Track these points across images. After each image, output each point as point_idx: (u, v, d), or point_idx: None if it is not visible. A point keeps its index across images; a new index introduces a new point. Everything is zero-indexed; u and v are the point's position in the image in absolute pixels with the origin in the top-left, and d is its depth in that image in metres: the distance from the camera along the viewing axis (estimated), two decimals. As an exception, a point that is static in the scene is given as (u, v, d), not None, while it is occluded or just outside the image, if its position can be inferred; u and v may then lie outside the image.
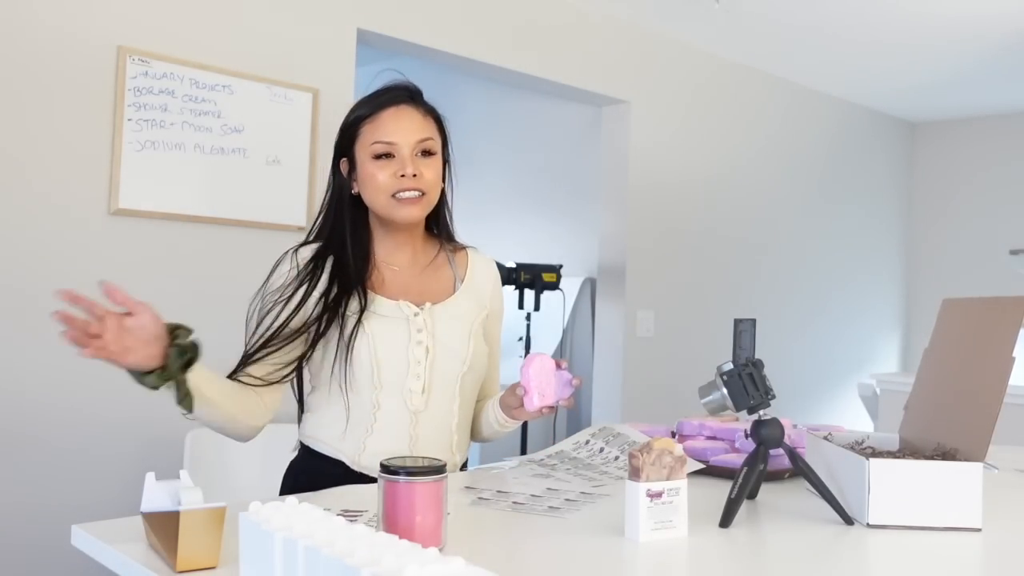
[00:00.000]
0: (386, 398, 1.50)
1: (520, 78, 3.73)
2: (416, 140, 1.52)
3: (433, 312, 1.55)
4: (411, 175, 1.49)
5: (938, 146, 5.89)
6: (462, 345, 1.55)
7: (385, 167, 1.51)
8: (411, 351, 1.50)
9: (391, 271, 1.58)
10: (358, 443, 1.51)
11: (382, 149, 1.51)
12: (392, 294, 1.55)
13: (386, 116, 1.52)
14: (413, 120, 1.53)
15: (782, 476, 1.56)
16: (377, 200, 1.52)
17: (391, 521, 1.05)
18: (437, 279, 1.62)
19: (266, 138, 2.84)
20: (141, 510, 1.06)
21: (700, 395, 1.32)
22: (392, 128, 1.51)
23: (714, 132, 4.50)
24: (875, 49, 4.35)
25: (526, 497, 1.37)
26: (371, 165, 1.51)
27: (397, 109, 1.53)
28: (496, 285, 1.70)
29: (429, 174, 1.52)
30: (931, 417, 1.45)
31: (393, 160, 1.51)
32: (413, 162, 1.50)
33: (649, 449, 1.15)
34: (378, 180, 1.50)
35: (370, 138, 1.52)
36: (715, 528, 1.22)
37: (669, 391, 4.20)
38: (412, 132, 1.52)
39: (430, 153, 1.54)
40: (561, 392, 1.47)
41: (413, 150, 1.51)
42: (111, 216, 2.55)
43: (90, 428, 2.52)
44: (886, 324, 5.81)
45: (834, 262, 5.34)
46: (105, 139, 2.54)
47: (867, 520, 1.25)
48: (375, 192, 1.51)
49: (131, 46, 2.58)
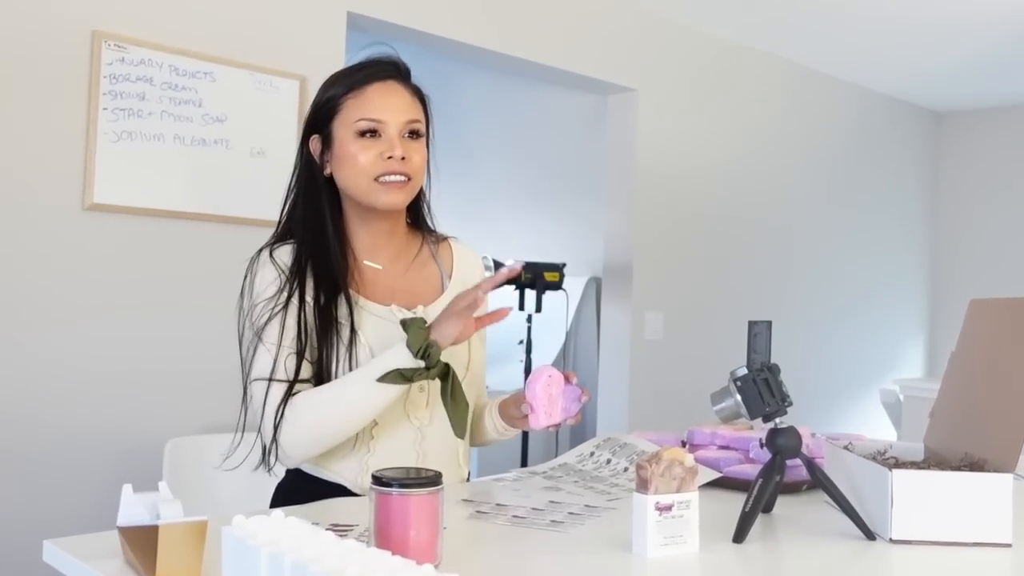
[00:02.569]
0: (388, 413, 1.46)
1: (520, 65, 3.73)
2: (405, 120, 1.48)
3: (428, 314, 1.52)
4: (399, 157, 1.45)
5: (965, 138, 5.89)
6: (461, 349, 1.52)
7: (370, 147, 1.46)
8: None
9: (372, 271, 1.54)
10: (360, 464, 1.47)
11: (368, 126, 1.46)
12: (379, 297, 1.51)
13: (373, 91, 1.47)
14: (402, 98, 1.49)
15: (799, 488, 1.56)
16: (357, 183, 1.47)
17: (384, 536, 1.05)
18: (424, 277, 1.59)
19: (250, 128, 2.84)
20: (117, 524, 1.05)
21: (712, 402, 1.32)
22: (380, 104, 1.46)
23: (726, 123, 4.51)
24: (897, 32, 4.35)
25: (527, 510, 1.37)
26: (353, 144, 1.46)
27: (385, 84, 1.48)
28: (482, 277, 1.67)
29: (416, 158, 1.48)
30: (958, 425, 1.45)
31: (379, 140, 1.46)
32: (401, 144, 1.46)
33: (658, 459, 1.15)
34: (360, 161, 1.45)
35: (354, 114, 1.46)
36: (728, 544, 1.22)
37: (679, 398, 4.20)
38: (401, 111, 1.47)
39: (417, 135, 1.50)
40: (569, 409, 1.47)
41: (401, 131, 1.47)
42: (85, 211, 2.55)
43: (64, 437, 2.52)
44: (910, 326, 5.81)
45: (854, 260, 5.34)
46: (79, 130, 2.54)
47: (890, 535, 1.25)
48: (355, 174, 1.46)
49: (107, 31, 2.58)
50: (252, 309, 1.47)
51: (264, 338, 1.44)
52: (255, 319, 1.46)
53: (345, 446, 1.46)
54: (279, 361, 1.42)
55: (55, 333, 2.50)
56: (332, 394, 1.41)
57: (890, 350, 5.65)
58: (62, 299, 2.50)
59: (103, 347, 2.57)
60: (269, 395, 1.41)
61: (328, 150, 1.50)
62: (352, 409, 1.40)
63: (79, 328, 2.53)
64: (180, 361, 2.70)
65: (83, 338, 2.54)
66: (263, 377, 1.42)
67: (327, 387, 1.43)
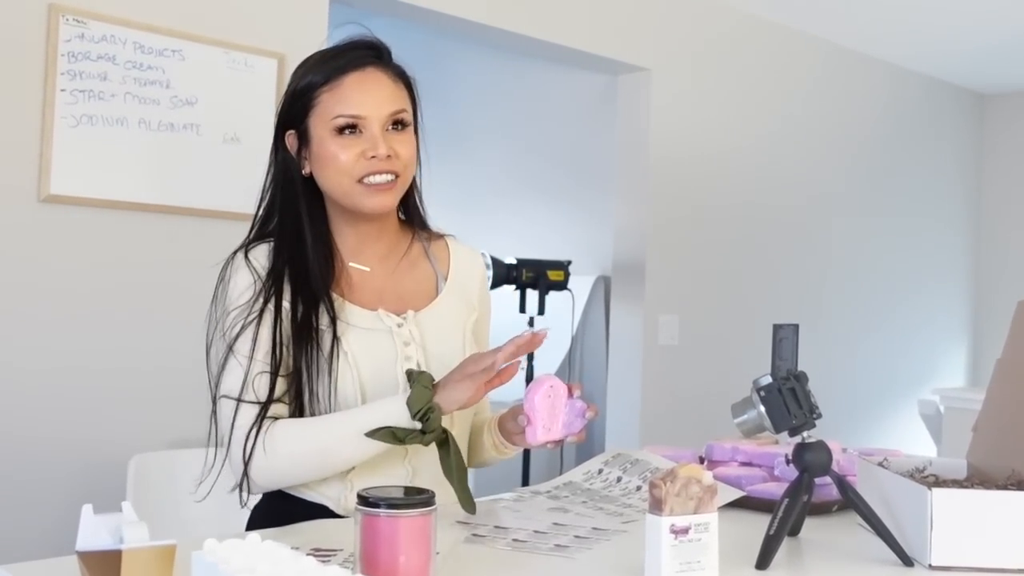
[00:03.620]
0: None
1: (522, 42, 3.73)
2: (388, 113, 1.47)
3: (419, 321, 1.52)
4: (383, 155, 1.45)
5: (1012, 121, 5.89)
6: (457, 357, 1.51)
7: (350, 145, 1.46)
8: (400, 369, 1.47)
9: (359, 273, 1.54)
10: (343, 482, 1.47)
11: (346, 122, 1.46)
12: (366, 302, 1.52)
13: (350, 82, 1.47)
14: (383, 87, 1.48)
15: (829, 509, 1.56)
16: (339, 185, 1.47)
17: (370, 562, 1.05)
18: (415, 278, 1.59)
19: (223, 112, 2.84)
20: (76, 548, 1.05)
21: (733, 414, 1.32)
22: (359, 99, 1.46)
23: (748, 105, 4.51)
24: (935, 5, 4.35)
25: (528, 534, 1.37)
26: (332, 143, 1.46)
27: (363, 73, 1.48)
28: (483, 282, 1.68)
29: (404, 152, 1.48)
30: (1004, 439, 1.45)
31: (360, 137, 1.46)
32: (385, 139, 1.46)
33: (673, 477, 1.15)
34: (341, 161, 1.45)
35: (332, 109, 1.46)
36: (751, 570, 1.22)
37: (696, 409, 4.20)
38: (383, 103, 1.47)
39: (403, 125, 1.50)
40: (571, 425, 1.45)
41: (384, 124, 1.47)
42: (41, 203, 2.55)
43: (15, 450, 2.52)
44: (951, 331, 5.81)
45: (890, 258, 5.35)
46: (34, 113, 2.54)
47: (929, 561, 1.25)
48: (337, 175, 1.46)
49: (65, 4, 2.58)
50: (224, 317, 1.48)
51: (236, 350, 1.45)
52: (227, 328, 1.46)
53: None
54: (249, 379, 1.43)
55: (5, 335, 2.50)
56: (312, 433, 1.43)
57: (929, 357, 5.65)
58: (15, 298, 2.50)
59: (60, 352, 2.57)
60: (237, 418, 1.43)
61: (306, 147, 1.50)
62: (330, 456, 1.43)
63: (33, 330, 2.53)
64: (146, 368, 2.70)
65: (38, 342, 2.54)
66: (231, 396, 1.44)
67: (308, 424, 1.44)
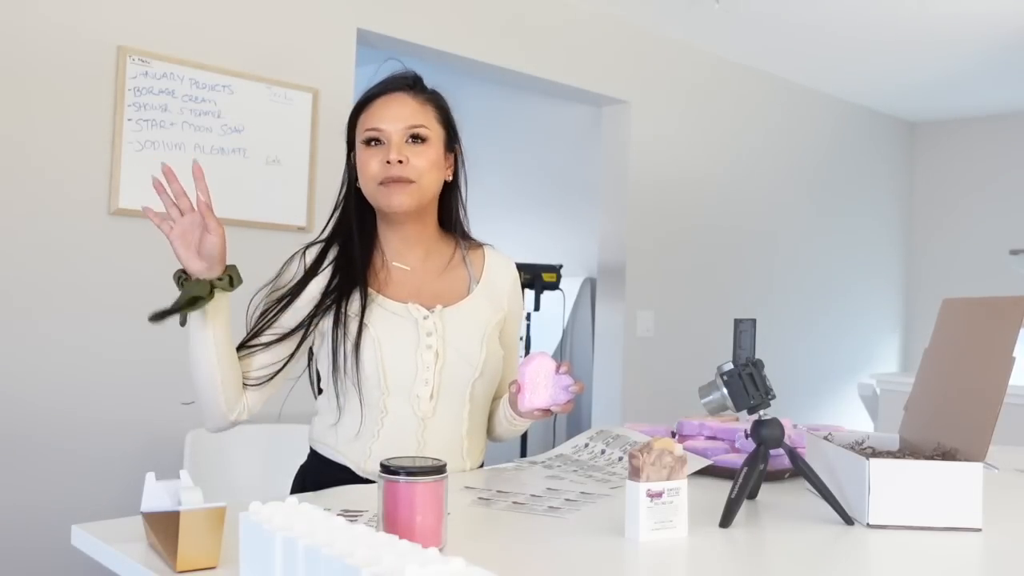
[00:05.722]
0: (393, 403, 1.47)
1: (520, 78, 3.73)
2: (405, 126, 1.49)
3: (444, 315, 1.51)
4: (395, 161, 1.46)
5: (938, 146, 5.89)
6: (475, 350, 1.51)
7: (375, 154, 1.49)
8: (420, 355, 1.47)
9: (401, 271, 1.55)
10: (364, 448, 1.48)
11: (371, 135, 1.49)
12: (401, 295, 1.52)
13: (378, 103, 1.51)
14: (404, 106, 1.50)
15: (782, 476, 1.56)
16: (367, 188, 1.51)
17: (391, 521, 1.05)
18: (450, 280, 1.59)
19: (266, 138, 2.84)
20: (141, 510, 1.06)
21: (700, 395, 1.32)
22: (381, 115, 1.49)
23: (714, 132, 4.50)
24: (874, 48, 4.35)
25: (526, 497, 1.37)
26: (363, 153, 1.50)
27: (389, 96, 1.51)
28: (515, 286, 1.65)
29: (418, 161, 1.49)
30: (931, 417, 1.45)
31: (382, 147, 1.49)
32: (399, 148, 1.47)
33: (649, 449, 1.15)
34: (368, 168, 1.49)
35: (363, 126, 1.51)
36: (715, 528, 1.22)
37: (669, 391, 4.20)
38: (401, 118, 1.49)
39: (421, 139, 1.50)
40: (556, 396, 1.44)
41: (402, 136, 1.49)
42: (111, 216, 2.55)
43: (90, 428, 2.52)
44: (886, 324, 5.81)
45: (834, 263, 5.34)
46: (105, 139, 2.54)
47: (867, 520, 1.25)
48: (365, 180, 1.50)
49: (131, 46, 2.58)
50: (266, 295, 1.54)
51: (259, 311, 1.51)
52: (264, 303, 1.53)
53: (352, 431, 1.49)
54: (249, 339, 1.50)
55: (80, 328, 2.50)
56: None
57: (868, 346, 5.65)
58: (88, 296, 2.50)
59: (127, 344, 2.57)
60: None
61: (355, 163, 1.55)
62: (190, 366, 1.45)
63: (104, 325, 2.53)
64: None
65: (111, 335, 2.54)
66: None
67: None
